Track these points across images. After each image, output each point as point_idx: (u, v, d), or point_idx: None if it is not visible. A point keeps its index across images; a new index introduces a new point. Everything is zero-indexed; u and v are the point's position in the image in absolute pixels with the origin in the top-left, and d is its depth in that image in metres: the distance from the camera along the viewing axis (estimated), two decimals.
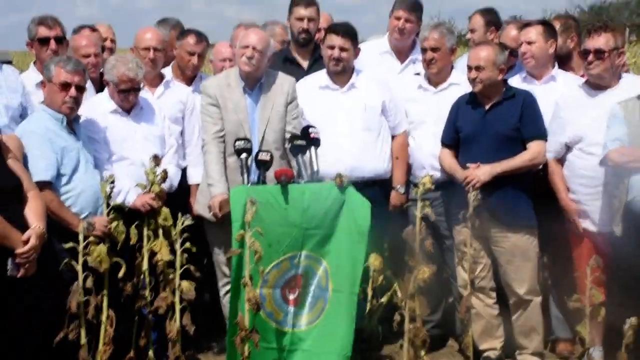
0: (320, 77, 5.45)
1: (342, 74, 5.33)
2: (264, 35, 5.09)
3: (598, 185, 4.85)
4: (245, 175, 4.73)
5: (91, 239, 4.38)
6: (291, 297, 4.76)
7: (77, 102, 4.72)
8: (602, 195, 4.84)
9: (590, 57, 4.84)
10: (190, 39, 5.70)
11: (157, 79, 5.57)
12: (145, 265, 4.65)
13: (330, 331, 4.77)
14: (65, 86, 4.63)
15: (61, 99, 4.63)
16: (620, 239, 4.59)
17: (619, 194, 4.56)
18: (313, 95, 5.37)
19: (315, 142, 4.89)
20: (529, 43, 5.39)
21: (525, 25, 5.60)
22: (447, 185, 5.21)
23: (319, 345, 4.77)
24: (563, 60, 5.63)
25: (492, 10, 6.38)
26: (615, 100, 4.72)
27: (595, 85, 4.95)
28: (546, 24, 5.54)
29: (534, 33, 5.39)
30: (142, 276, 4.64)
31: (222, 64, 5.67)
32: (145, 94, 5.28)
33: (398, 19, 5.93)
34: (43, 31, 5.30)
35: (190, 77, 5.82)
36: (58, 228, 4.39)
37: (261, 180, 4.76)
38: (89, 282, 4.30)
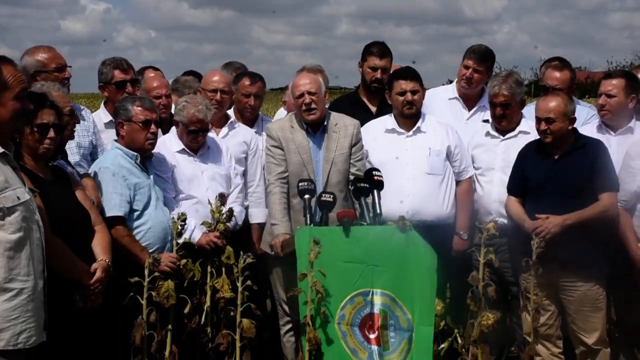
0: (387, 120, 5.50)
1: (410, 117, 5.36)
2: (313, 77, 5.18)
3: None
4: (308, 216, 4.74)
5: (157, 274, 4.45)
6: (372, 336, 4.58)
7: (156, 138, 4.87)
8: None
9: None
10: (245, 81, 5.79)
11: (222, 120, 5.68)
12: (208, 302, 4.69)
13: None
14: (146, 124, 4.78)
15: (143, 136, 4.78)
16: None
17: None
18: (379, 138, 5.42)
19: (379, 185, 4.88)
20: (609, 96, 5.18)
21: (606, 75, 5.32)
22: (513, 232, 5.12)
23: None
24: None
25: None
26: None
27: None
28: (629, 77, 5.25)
29: (616, 86, 5.16)
30: (204, 313, 4.68)
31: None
32: (210, 134, 5.38)
33: (467, 67, 5.88)
34: (119, 75, 5.49)
35: (250, 119, 5.90)
36: (126, 262, 4.46)
37: (324, 222, 4.74)
38: (153, 317, 4.35)
